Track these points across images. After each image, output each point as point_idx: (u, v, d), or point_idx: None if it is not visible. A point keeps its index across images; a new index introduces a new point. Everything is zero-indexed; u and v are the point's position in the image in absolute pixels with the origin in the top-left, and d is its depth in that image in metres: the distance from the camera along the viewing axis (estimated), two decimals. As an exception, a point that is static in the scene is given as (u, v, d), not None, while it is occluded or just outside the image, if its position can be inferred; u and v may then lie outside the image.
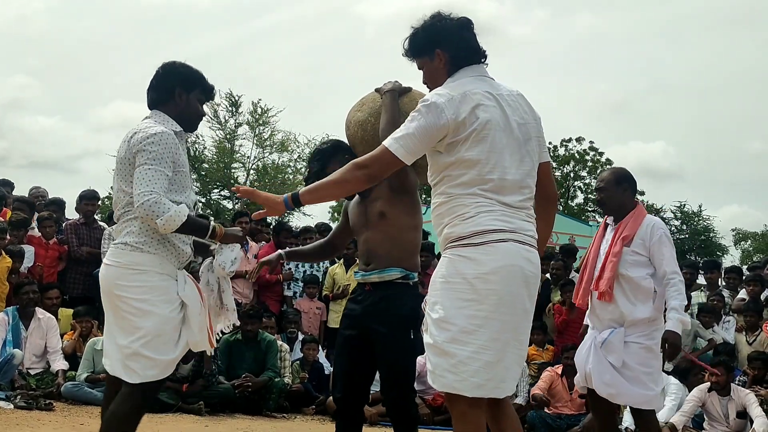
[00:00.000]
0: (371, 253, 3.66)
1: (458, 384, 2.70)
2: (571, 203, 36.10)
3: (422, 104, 2.77)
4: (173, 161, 3.18)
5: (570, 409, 7.42)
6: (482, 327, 2.68)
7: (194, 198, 3.38)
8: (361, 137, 3.67)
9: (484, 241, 2.71)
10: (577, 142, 35.84)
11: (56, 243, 7.99)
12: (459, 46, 2.89)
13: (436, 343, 2.73)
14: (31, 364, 6.93)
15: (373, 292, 3.65)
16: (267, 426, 6.46)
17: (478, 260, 2.70)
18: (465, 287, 2.70)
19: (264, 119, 27.49)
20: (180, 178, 3.22)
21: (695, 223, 35.88)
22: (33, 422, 5.57)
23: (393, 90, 3.62)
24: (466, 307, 2.69)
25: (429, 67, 2.96)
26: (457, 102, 2.75)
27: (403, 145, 2.73)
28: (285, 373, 7.42)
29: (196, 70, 3.43)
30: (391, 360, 3.59)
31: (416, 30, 2.95)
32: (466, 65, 2.89)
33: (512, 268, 2.71)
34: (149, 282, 3.18)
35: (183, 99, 3.35)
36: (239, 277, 8.40)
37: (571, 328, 8.11)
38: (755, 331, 7.73)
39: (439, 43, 2.90)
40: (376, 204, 3.65)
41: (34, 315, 7.02)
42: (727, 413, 6.82)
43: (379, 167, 2.78)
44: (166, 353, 3.18)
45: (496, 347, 2.70)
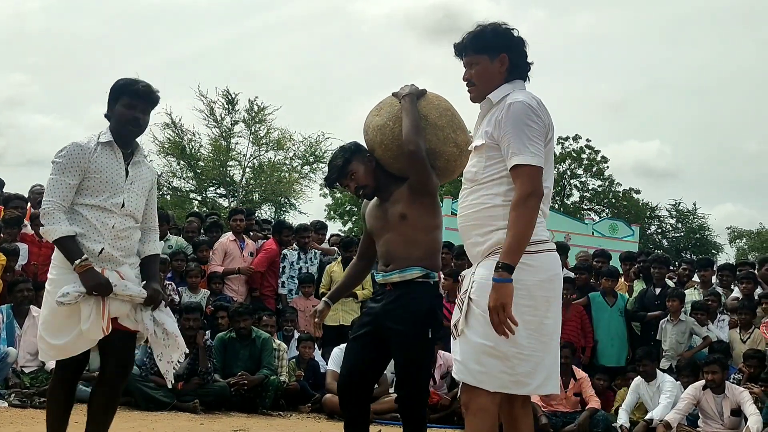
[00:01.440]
0: (391, 254, 3.66)
1: (513, 385, 2.86)
2: (567, 201, 36.13)
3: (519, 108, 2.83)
4: (82, 169, 3.52)
5: (565, 406, 7.44)
6: (535, 331, 2.85)
7: (117, 200, 3.57)
8: (380, 141, 3.70)
9: (539, 250, 2.87)
10: (573, 141, 35.89)
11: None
12: (522, 57, 3.03)
13: (496, 347, 2.82)
14: (25, 362, 6.91)
15: (393, 291, 3.64)
16: (262, 424, 6.45)
17: (536, 268, 2.85)
18: (523, 293, 2.81)
19: (260, 117, 27.47)
20: (92, 183, 3.54)
21: (690, 221, 35.97)
22: (27, 420, 5.56)
23: (411, 94, 3.66)
24: (525, 312, 2.82)
25: (485, 67, 3.01)
26: (543, 107, 2.90)
27: (536, 152, 2.82)
28: (282, 372, 7.41)
29: (125, 79, 3.65)
30: (406, 357, 3.58)
31: (484, 28, 3.01)
32: (520, 78, 3.03)
33: (558, 277, 2.94)
34: (52, 274, 3.57)
35: (113, 111, 3.64)
36: (232, 273, 8.42)
37: (567, 327, 8.12)
38: (749, 329, 7.74)
39: (507, 48, 3.00)
40: (396, 206, 3.65)
41: (28, 313, 7.00)
42: (722, 411, 6.84)
43: (537, 184, 2.83)
44: (56, 338, 3.51)
45: (542, 349, 2.88)
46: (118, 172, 3.59)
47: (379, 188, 3.76)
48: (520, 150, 2.80)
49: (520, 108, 2.84)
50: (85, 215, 3.53)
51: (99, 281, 3.45)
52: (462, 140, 3.66)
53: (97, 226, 3.53)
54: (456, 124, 3.69)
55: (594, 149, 35.84)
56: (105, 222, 3.54)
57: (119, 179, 3.58)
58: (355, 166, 3.75)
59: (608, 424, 7.28)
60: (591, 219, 29.59)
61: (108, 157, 3.57)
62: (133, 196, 3.63)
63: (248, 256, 8.61)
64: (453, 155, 3.66)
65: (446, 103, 3.75)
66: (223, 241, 8.63)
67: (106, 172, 3.55)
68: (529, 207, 2.79)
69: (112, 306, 3.50)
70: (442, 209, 3.83)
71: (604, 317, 8.30)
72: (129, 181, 3.62)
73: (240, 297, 8.34)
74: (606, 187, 36.51)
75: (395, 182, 3.70)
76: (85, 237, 3.52)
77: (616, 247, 17.14)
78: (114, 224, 3.56)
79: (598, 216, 33.75)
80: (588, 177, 36.52)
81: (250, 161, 28.21)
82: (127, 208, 3.60)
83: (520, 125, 2.82)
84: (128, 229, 3.62)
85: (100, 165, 3.54)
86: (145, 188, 3.71)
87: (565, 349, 7.49)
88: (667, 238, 36.33)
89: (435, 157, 3.65)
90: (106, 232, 3.54)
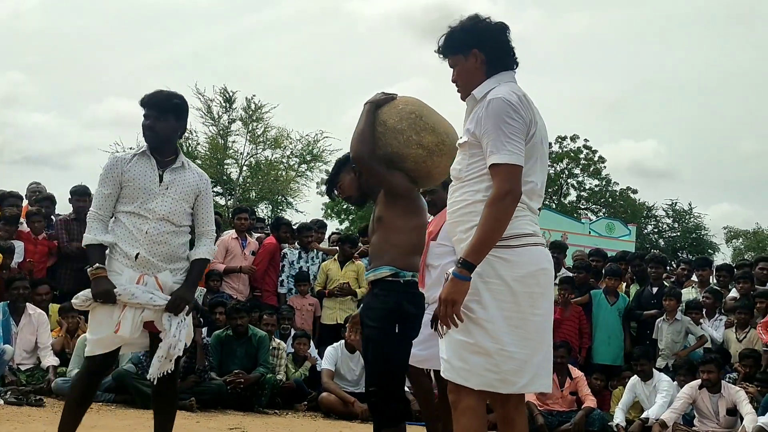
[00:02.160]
0: (372, 254, 3.84)
1: (498, 383, 2.81)
2: (564, 201, 36.16)
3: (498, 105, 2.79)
4: (117, 180, 3.78)
5: (561, 405, 7.44)
6: (518, 327, 2.80)
7: (151, 205, 3.77)
8: None
9: (520, 244, 2.82)
10: (571, 141, 35.91)
11: (45, 238, 7.95)
12: (496, 48, 2.96)
13: (477, 343, 2.79)
14: (21, 359, 6.91)
15: (370, 290, 3.80)
16: (259, 422, 6.45)
17: (515, 262, 2.80)
18: (503, 288, 2.79)
19: (257, 115, 27.44)
20: (128, 191, 3.78)
21: (686, 221, 36.01)
22: (23, 418, 5.56)
23: (371, 102, 3.75)
24: (505, 308, 2.79)
25: (463, 66, 3.00)
26: (524, 102, 2.85)
27: (514, 150, 2.77)
28: (281, 370, 7.42)
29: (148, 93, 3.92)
30: (373, 351, 3.68)
31: (453, 28, 3.00)
32: (503, 69, 2.97)
33: (543, 272, 2.87)
34: None
35: None
36: (233, 272, 8.41)
37: (564, 326, 8.13)
38: (746, 329, 7.76)
39: (477, 43, 2.96)
40: (376, 209, 3.81)
41: (24, 311, 6.99)
42: (718, 410, 6.85)
43: (515, 183, 2.77)
44: (93, 333, 3.78)
45: (529, 346, 2.82)
46: (152, 179, 3.79)
47: (367, 194, 3.96)
48: (498, 149, 2.77)
49: (498, 105, 2.80)
50: (123, 222, 3.77)
51: (102, 289, 3.66)
52: (428, 141, 3.70)
53: (133, 232, 3.74)
54: (421, 126, 3.71)
55: (591, 149, 35.87)
56: (140, 228, 3.74)
57: (152, 185, 3.78)
58: (341, 178, 3.98)
59: (604, 423, 7.29)
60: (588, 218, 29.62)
61: (142, 166, 3.81)
62: (168, 200, 3.79)
63: (250, 254, 8.61)
64: (420, 157, 3.71)
65: (413, 106, 3.76)
66: (224, 238, 8.62)
67: (139, 180, 3.78)
68: (503, 206, 2.75)
69: (146, 311, 3.72)
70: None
71: (603, 316, 8.31)
72: (164, 186, 3.80)
73: (241, 296, 8.33)
74: (603, 186, 36.54)
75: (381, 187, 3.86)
76: (124, 242, 3.75)
77: (612, 247, 17.16)
78: (147, 230, 3.74)
79: (595, 215, 33.78)
80: (585, 176, 36.55)
81: (247, 160, 28.19)
82: (158, 212, 3.76)
83: (499, 123, 2.78)
84: (165, 234, 3.77)
85: (134, 174, 3.78)
86: (185, 192, 3.85)
87: (561, 349, 7.51)
88: (663, 238, 36.37)
89: (401, 161, 3.74)
90: (141, 238, 3.74)
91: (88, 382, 3.84)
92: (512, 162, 2.76)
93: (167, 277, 3.78)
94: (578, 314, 8.24)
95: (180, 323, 3.79)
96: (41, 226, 7.91)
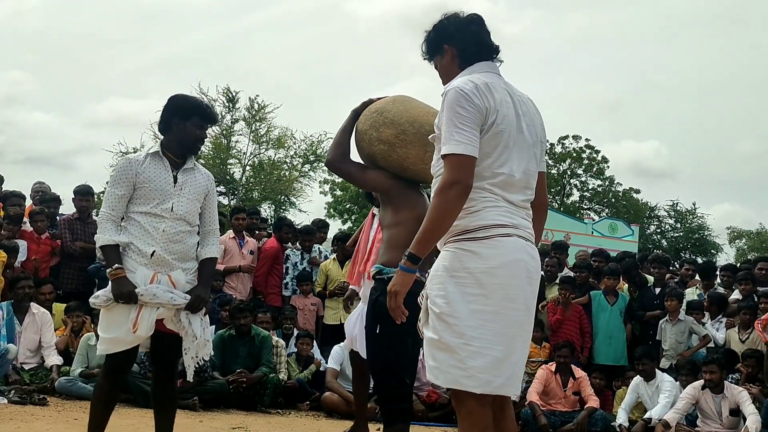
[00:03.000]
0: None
1: (466, 380, 2.65)
2: (567, 201, 36.13)
3: (451, 96, 2.72)
4: (131, 181, 3.82)
5: (564, 406, 7.44)
6: (489, 322, 2.65)
7: (167, 205, 3.83)
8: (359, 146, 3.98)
9: (489, 236, 2.69)
10: (574, 140, 35.87)
11: (48, 238, 7.97)
12: (467, 40, 2.90)
13: (441, 339, 2.67)
14: (25, 359, 6.92)
15: None
16: (261, 422, 6.45)
17: (483, 254, 2.68)
18: (470, 281, 2.66)
19: (260, 115, 27.46)
20: (143, 192, 3.83)
21: (689, 221, 35.96)
22: (27, 417, 5.57)
23: (355, 110, 3.92)
24: (473, 301, 2.66)
25: (441, 65, 2.98)
26: (483, 90, 2.73)
27: (462, 140, 2.66)
28: (281, 369, 7.42)
29: (192, 99, 4.04)
30: (368, 350, 3.76)
31: (428, 31, 2.99)
32: (477, 60, 2.89)
33: (517, 263, 2.71)
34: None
35: (178, 127, 3.90)
36: (233, 272, 8.42)
37: (566, 326, 8.13)
38: (748, 329, 7.74)
39: (446, 38, 2.92)
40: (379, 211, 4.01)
41: (28, 310, 7.01)
42: (721, 411, 6.84)
43: (463, 173, 2.66)
44: (107, 332, 3.80)
45: (503, 342, 2.67)
46: (167, 180, 3.86)
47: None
48: (447, 139, 2.68)
49: (451, 95, 2.72)
50: (138, 221, 3.82)
51: (122, 290, 3.69)
52: (387, 135, 3.75)
53: (149, 230, 3.80)
54: (380, 122, 3.78)
55: (594, 149, 35.83)
56: (156, 226, 3.81)
57: (168, 186, 3.85)
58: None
59: (607, 423, 7.28)
60: (591, 219, 29.60)
61: (156, 167, 3.87)
62: (183, 200, 3.87)
63: (248, 254, 8.61)
64: (383, 152, 3.79)
65: (379, 104, 3.86)
66: (222, 238, 8.61)
67: (154, 181, 3.83)
68: (448, 197, 2.64)
69: (160, 308, 3.75)
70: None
71: (604, 316, 8.30)
72: (178, 186, 3.87)
73: (240, 296, 8.34)
74: (606, 186, 36.50)
75: None
76: (139, 240, 3.80)
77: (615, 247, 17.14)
78: (164, 228, 3.81)
79: (597, 216, 33.76)
80: (588, 177, 36.52)
81: (250, 159, 28.21)
82: (176, 212, 3.84)
83: (450, 113, 2.69)
84: (180, 233, 3.86)
85: (149, 175, 3.83)
86: (197, 193, 3.94)
87: (564, 349, 7.51)
88: (666, 238, 36.33)
89: (373, 160, 3.85)
90: (157, 236, 3.80)
91: (111, 381, 3.87)
92: (459, 152, 2.65)
93: (180, 276, 3.84)
94: (579, 313, 8.23)
95: (202, 322, 3.88)
96: (44, 225, 7.92)
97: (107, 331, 3.79)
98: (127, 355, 3.83)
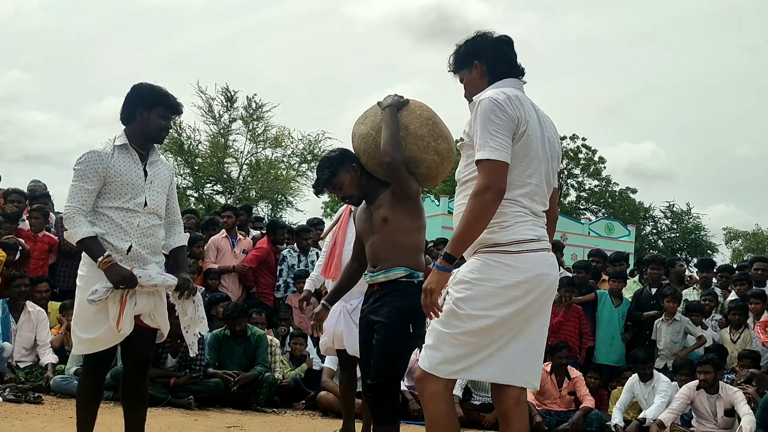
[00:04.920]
0: (377, 255, 3.85)
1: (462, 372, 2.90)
2: (564, 201, 36.17)
3: (485, 105, 2.87)
4: (100, 175, 3.68)
5: (559, 405, 7.45)
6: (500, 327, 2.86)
7: (140, 200, 3.75)
8: (364, 149, 3.90)
9: (520, 250, 2.88)
10: (571, 140, 35.91)
11: (45, 236, 7.95)
12: (497, 58, 3.09)
13: (453, 334, 2.85)
14: (20, 357, 6.91)
15: (380, 291, 3.84)
16: (257, 421, 6.45)
17: (514, 268, 2.86)
18: (497, 291, 2.85)
19: (258, 114, 27.47)
20: (114, 187, 3.71)
21: (685, 221, 36.03)
22: (22, 415, 5.56)
23: (392, 105, 3.82)
24: (494, 309, 2.85)
25: (468, 79, 3.14)
26: (514, 101, 2.91)
27: (497, 147, 2.83)
28: (276, 368, 7.41)
29: (155, 87, 3.84)
30: (384, 347, 3.71)
31: (459, 46, 3.17)
32: (505, 77, 3.07)
33: (543, 276, 2.92)
34: (82, 271, 3.75)
35: (142, 117, 3.79)
36: (226, 272, 8.41)
37: (566, 328, 8.13)
38: (740, 329, 7.77)
39: (478, 54, 3.10)
40: (380, 210, 3.84)
41: (24, 308, 6.99)
42: (716, 411, 6.85)
43: (498, 178, 2.82)
44: (86, 332, 3.70)
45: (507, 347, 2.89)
46: (137, 174, 3.77)
47: (366, 194, 3.96)
48: (482, 146, 2.84)
49: (485, 104, 2.88)
50: (110, 216, 3.71)
51: (123, 274, 3.61)
52: (443, 148, 3.84)
53: (123, 226, 3.71)
54: (437, 133, 3.85)
55: (591, 149, 35.88)
56: (130, 221, 3.73)
57: (139, 180, 3.77)
58: (341, 178, 3.97)
59: (602, 423, 7.29)
60: (587, 219, 29.65)
61: (125, 161, 3.76)
62: (154, 194, 3.82)
63: (240, 253, 8.59)
64: (434, 163, 3.84)
65: (428, 112, 3.89)
66: (215, 237, 8.63)
67: (125, 175, 3.73)
68: (483, 201, 2.80)
69: (139, 303, 3.70)
70: (439, 208, 3.99)
71: (607, 317, 8.32)
72: (149, 180, 3.81)
73: (232, 295, 8.31)
74: (603, 187, 36.55)
75: (381, 187, 3.89)
76: (113, 236, 3.70)
77: (612, 247, 17.17)
78: (139, 223, 3.75)
79: (594, 216, 33.80)
80: (585, 177, 36.57)
81: (247, 158, 28.20)
82: (150, 206, 3.79)
83: (484, 121, 2.85)
84: (153, 227, 3.81)
85: (119, 169, 3.72)
86: (164, 185, 3.89)
87: (564, 350, 7.52)
88: (662, 239, 36.39)
89: (416, 165, 3.83)
90: (132, 231, 3.73)
91: (93, 380, 3.84)
92: (494, 158, 2.81)
93: (154, 269, 3.78)
94: (579, 315, 8.24)
95: (195, 302, 3.88)
96: (41, 223, 7.91)
97: (86, 331, 3.69)
98: (108, 352, 3.78)
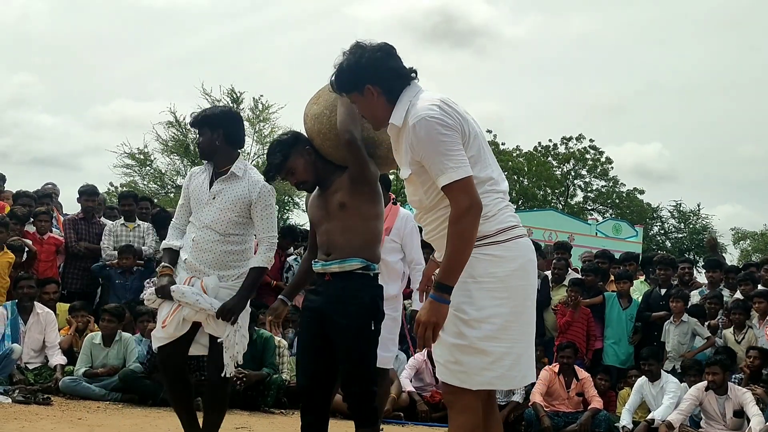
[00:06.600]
0: (331, 243, 3.60)
1: (496, 380, 2.80)
2: (571, 201, 36.09)
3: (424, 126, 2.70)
4: (187, 192, 4.15)
5: (567, 406, 7.43)
6: (514, 322, 2.79)
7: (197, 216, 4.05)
8: (318, 130, 3.68)
9: (508, 238, 2.79)
10: (577, 141, 35.82)
11: (51, 237, 7.97)
12: (389, 79, 2.87)
13: (471, 344, 2.74)
14: (29, 358, 6.93)
15: (333, 282, 3.59)
16: (265, 422, 6.46)
17: (506, 258, 2.78)
18: (498, 285, 2.76)
19: (264, 115, 27.48)
20: (192, 202, 4.11)
21: (693, 222, 35.91)
22: (31, 417, 5.58)
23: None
24: (501, 304, 2.76)
25: (362, 102, 2.94)
26: (444, 107, 2.75)
27: (457, 165, 2.68)
28: (283, 369, 7.41)
29: None
30: (351, 352, 3.54)
31: (341, 69, 2.91)
32: (401, 89, 2.87)
33: (532, 263, 2.86)
34: None
35: None
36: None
37: (574, 328, 8.11)
38: (743, 329, 7.75)
39: (368, 78, 2.86)
40: (336, 195, 3.62)
41: (32, 309, 7.01)
42: (724, 412, 6.83)
43: (471, 194, 2.68)
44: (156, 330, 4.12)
45: (525, 339, 2.83)
46: (203, 190, 4.06)
47: (320, 179, 3.73)
48: (442, 170, 2.68)
49: (424, 126, 2.70)
50: (187, 230, 4.13)
51: (161, 284, 3.98)
52: None
53: (186, 239, 4.07)
54: None
55: (598, 150, 35.79)
56: (189, 235, 4.05)
57: (203, 196, 4.05)
58: (293, 162, 3.71)
59: (610, 424, 7.27)
60: (594, 219, 29.57)
61: (200, 178, 4.12)
62: (212, 210, 4.00)
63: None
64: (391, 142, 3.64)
65: None
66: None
67: (196, 191, 4.09)
68: (466, 222, 2.67)
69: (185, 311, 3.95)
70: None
71: (616, 318, 8.30)
72: (211, 196, 4.02)
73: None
74: (610, 187, 36.46)
75: (335, 171, 3.67)
76: (183, 248, 4.08)
77: (619, 248, 17.12)
78: (194, 237, 4.01)
79: (601, 216, 33.72)
80: (592, 177, 36.48)
81: (253, 160, 28.20)
82: (203, 221, 4.00)
83: (433, 144, 2.69)
84: (209, 242, 3.99)
85: (194, 186, 4.12)
86: (231, 203, 3.99)
87: (568, 350, 7.50)
88: (670, 239, 36.28)
89: (375, 146, 3.63)
90: (189, 245, 4.03)
91: (164, 377, 4.17)
92: (459, 177, 2.67)
93: (212, 281, 3.96)
94: (587, 316, 8.22)
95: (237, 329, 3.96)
96: (47, 225, 7.94)
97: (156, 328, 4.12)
98: (172, 351, 4.01)
